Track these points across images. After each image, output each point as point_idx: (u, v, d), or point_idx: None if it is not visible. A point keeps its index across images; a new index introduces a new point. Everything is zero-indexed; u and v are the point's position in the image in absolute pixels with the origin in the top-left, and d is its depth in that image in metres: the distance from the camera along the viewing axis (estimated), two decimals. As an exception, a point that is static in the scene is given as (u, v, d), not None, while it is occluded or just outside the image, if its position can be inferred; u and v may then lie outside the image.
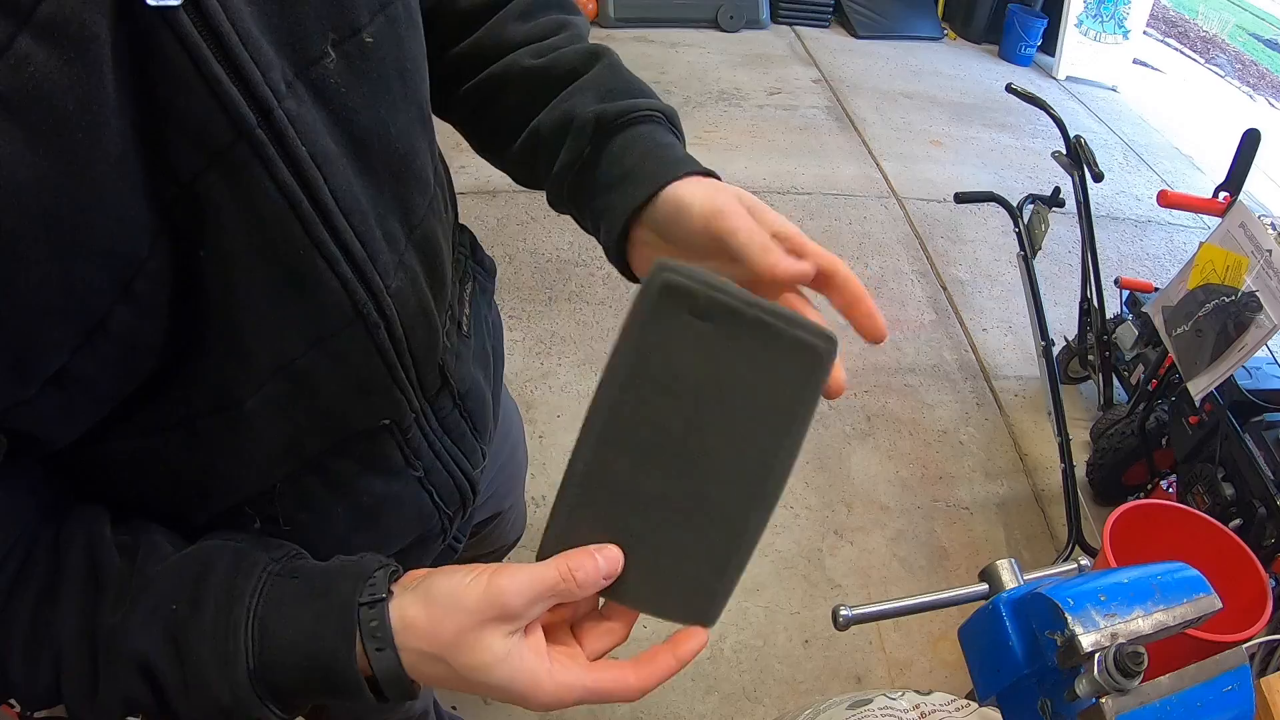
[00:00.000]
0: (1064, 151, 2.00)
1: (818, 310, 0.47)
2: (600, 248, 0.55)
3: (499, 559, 1.35)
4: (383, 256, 0.48)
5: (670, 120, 0.57)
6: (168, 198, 0.38)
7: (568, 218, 0.61)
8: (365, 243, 0.46)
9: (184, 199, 0.38)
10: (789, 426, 0.41)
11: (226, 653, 0.43)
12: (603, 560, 0.43)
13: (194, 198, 0.38)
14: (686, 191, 0.49)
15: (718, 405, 0.40)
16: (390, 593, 0.44)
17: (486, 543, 1.14)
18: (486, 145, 0.66)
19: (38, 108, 0.31)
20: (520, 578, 0.41)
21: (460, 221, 0.72)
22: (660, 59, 4.07)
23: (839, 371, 0.42)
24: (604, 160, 0.54)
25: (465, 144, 0.68)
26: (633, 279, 0.55)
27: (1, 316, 0.33)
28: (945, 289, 2.81)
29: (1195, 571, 0.56)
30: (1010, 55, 4.67)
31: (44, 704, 0.45)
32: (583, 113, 0.55)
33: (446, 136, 0.64)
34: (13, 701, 0.46)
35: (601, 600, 0.47)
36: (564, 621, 0.47)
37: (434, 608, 0.42)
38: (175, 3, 0.34)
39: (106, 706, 0.44)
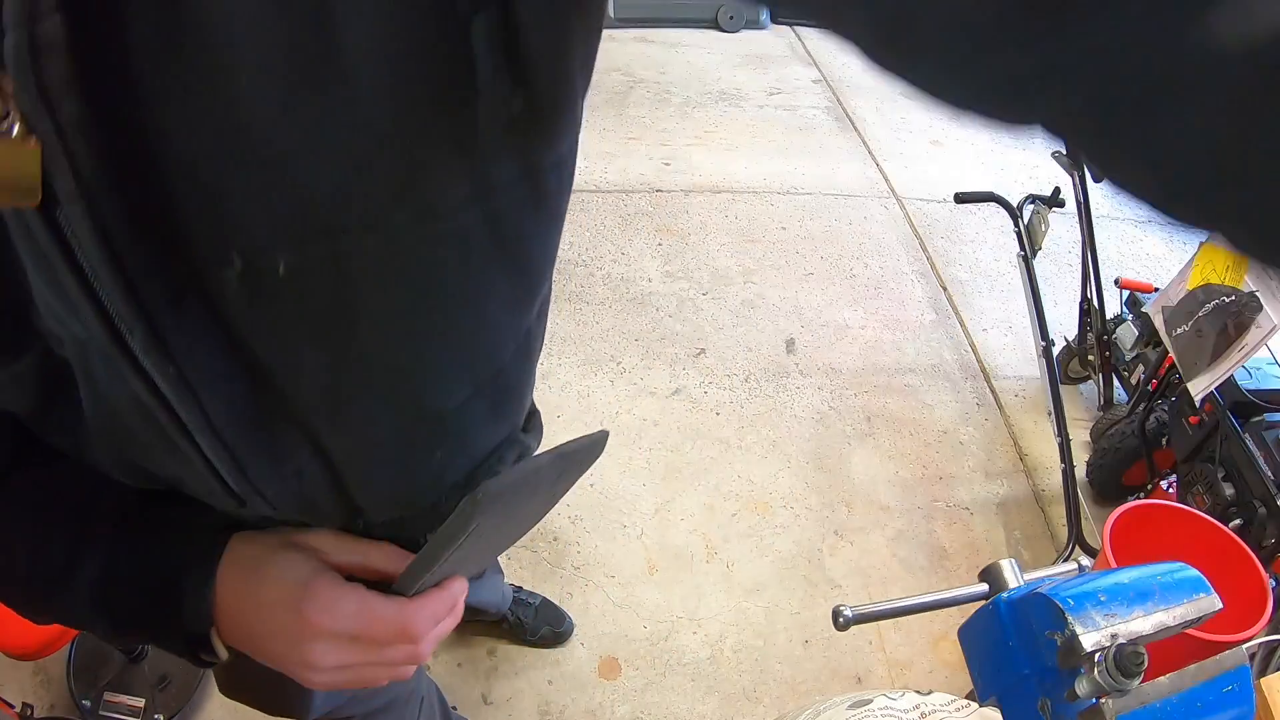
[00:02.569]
0: (1064, 151, 2.00)
1: None
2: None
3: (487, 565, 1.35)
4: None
5: None
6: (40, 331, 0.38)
7: (567, 218, 0.60)
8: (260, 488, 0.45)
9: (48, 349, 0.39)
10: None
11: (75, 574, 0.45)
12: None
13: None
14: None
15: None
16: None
17: None
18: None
19: None
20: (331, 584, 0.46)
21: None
22: (660, 59, 4.07)
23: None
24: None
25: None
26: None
27: None
28: (945, 289, 2.81)
29: (1195, 571, 0.56)
30: (1010, 55, 4.67)
31: None
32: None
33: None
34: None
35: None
36: None
37: (263, 572, 0.46)
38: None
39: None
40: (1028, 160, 3.64)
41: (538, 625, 1.65)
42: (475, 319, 0.43)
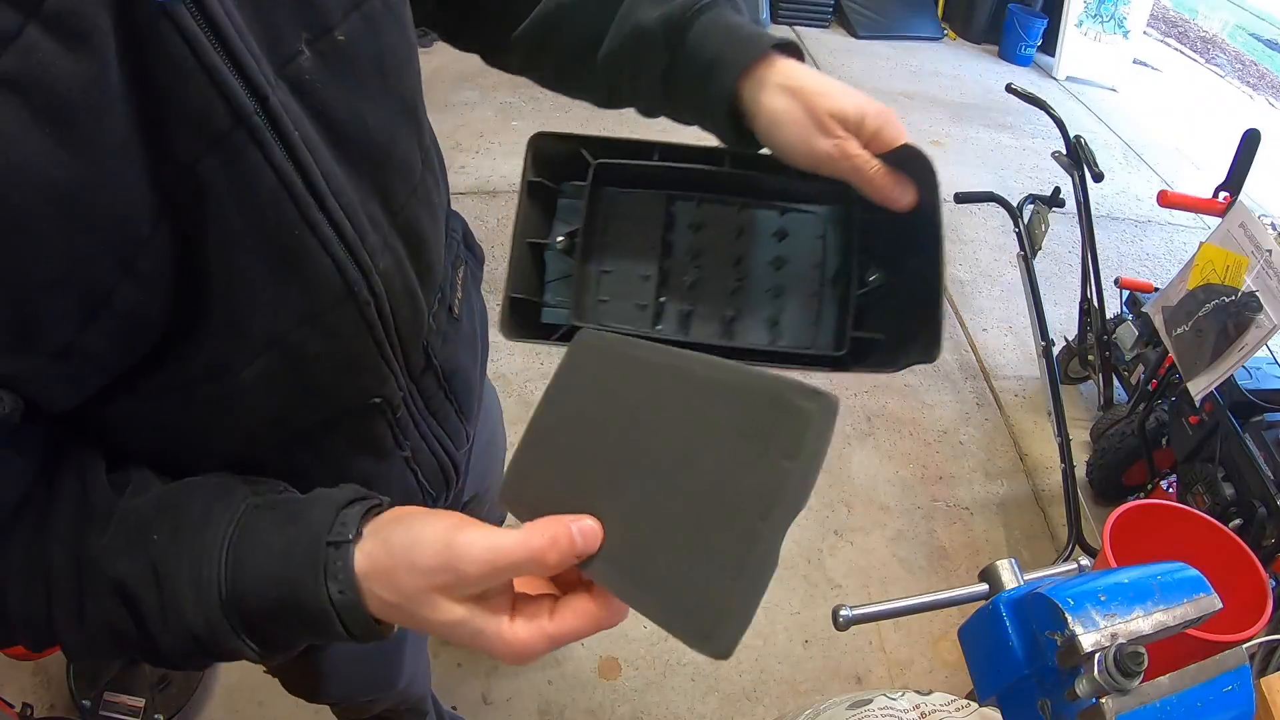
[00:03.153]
0: (1064, 151, 2.00)
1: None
2: None
3: None
4: (370, 238, 0.50)
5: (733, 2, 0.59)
6: (169, 180, 0.39)
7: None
8: (355, 224, 0.48)
9: (185, 181, 0.40)
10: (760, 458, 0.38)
11: (200, 578, 0.43)
12: (578, 534, 0.39)
13: (194, 179, 0.40)
14: (761, 101, 0.54)
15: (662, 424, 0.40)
16: (360, 534, 0.43)
17: None
18: (560, 76, 0.67)
19: (42, 92, 0.33)
20: (478, 546, 0.39)
21: (454, 209, 0.73)
22: (660, 59, 4.07)
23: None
24: (683, 63, 0.56)
25: (465, 144, 0.69)
26: (757, 146, 0.58)
27: (10, 289, 0.35)
28: (945, 289, 2.80)
29: (1195, 571, 0.56)
30: (1010, 55, 4.67)
31: (44, 638, 0.45)
32: (648, 23, 0.56)
33: (445, 138, 0.64)
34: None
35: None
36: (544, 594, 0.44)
37: (392, 560, 0.41)
38: None
39: (92, 633, 0.44)
40: (1028, 160, 3.64)
41: (538, 625, 1.65)
42: (409, 101, 0.54)
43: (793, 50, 0.57)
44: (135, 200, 0.38)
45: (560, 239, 0.56)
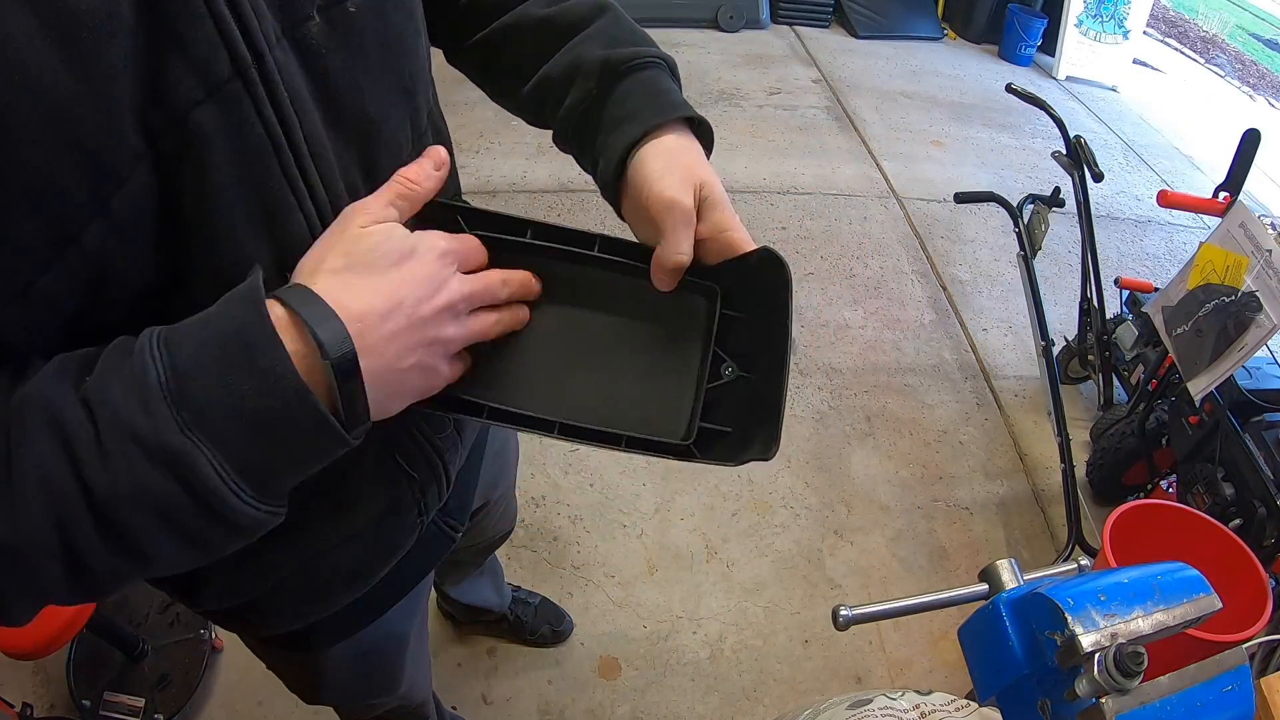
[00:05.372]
0: (1064, 151, 2.00)
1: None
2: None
3: (492, 550, 1.36)
4: (343, 201, 0.50)
5: (670, 68, 0.63)
6: (157, 127, 0.40)
7: (567, 218, 0.61)
8: (328, 187, 0.49)
9: (172, 131, 0.40)
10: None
11: (134, 374, 0.39)
12: (429, 161, 0.51)
13: (184, 128, 0.40)
14: (650, 166, 0.55)
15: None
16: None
17: (476, 532, 1.14)
18: (500, 91, 0.70)
19: (53, 2, 0.34)
20: (369, 197, 0.49)
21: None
22: (660, 59, 4.07)
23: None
24: (609, 102, 0.59)
25: (465, 144, 0.70)
26: (621, 217, 0.61)
27: None
28: (945, 289, 2.81)
29: (1195, 571, 0.56)
30: (1010, 55, 4.67)
31: None
32: (590, 59, 0.60)
33: (452, 133, 0.64)
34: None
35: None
36: None
37: (314, 248, 0.47)
38: None
39: (22, 490, 0.39)
40: (1028, 160, 3.64)
41: (537, 624, 1.65)
42: (408, 83, 0.56)
43: (703, 129, 0.60)
44: (120, 135, 0.38)
45: None
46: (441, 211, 0.56)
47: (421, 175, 0.51)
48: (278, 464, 0.42)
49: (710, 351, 0.57)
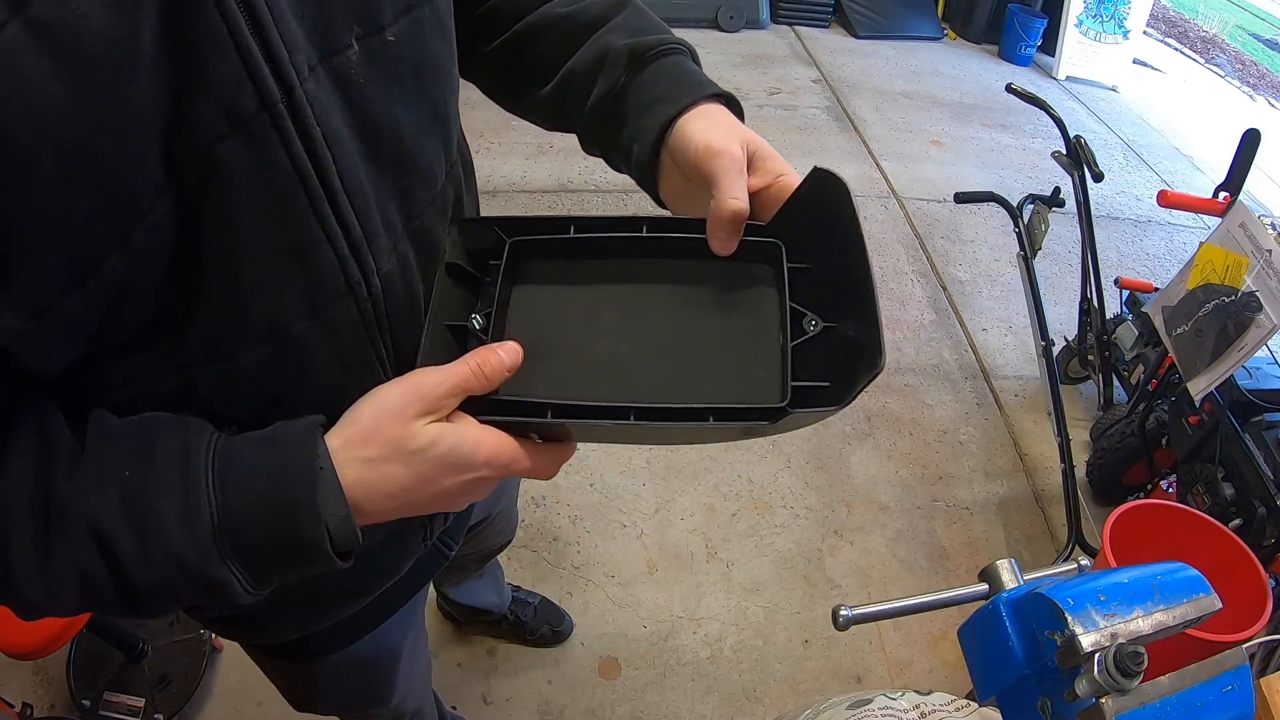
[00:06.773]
0: (1064, 151, 2.00)
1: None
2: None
3: (492, 557, 1.36)
4: (378, 239, 0.50)
5: (692, 54, 0.64)
6: (182, 159, 0.39)
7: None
8: (364, 223, 0.49)
9: (198, 162, 0.39)
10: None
11: (188, 506, 0.43)
12: (504, 354, 0.49)
13: (209, 161, 0.40)
14: (692, 126, 0.55)
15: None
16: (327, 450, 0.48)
17: (475, 543, 1.14)
18: (516, 95, 0.70)
19: (70, 41, 0.33)
20: (432, 374, 0.48)
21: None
22: (660, 59, 4.07)
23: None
24: (636, 88, 0.60)
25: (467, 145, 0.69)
26: (661, 205, 0.62)
27: (2, 233, 0.35)
28: (945, 289, 2.81)
29: (1195, 571, 0.56)
30: (1010, 55, 4.67)
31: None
32: (617, 48, 0.61)
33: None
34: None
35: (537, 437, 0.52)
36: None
37: (365, 418, 0.47)
38: None
39: (59, 578, 0.43)
40: (1028, 160, 3.64)
41: (537, 624, 1.65)
42: (441, 111, 0.55)
43: (732, 102, 0.61)
44: (142, 170, 0.38)
45: (476, 319, 0.55)
46: (478, 227, 0.56)
47: (496, 376, 0.49)
48: (286, 577, 0.49)
49: (788, 308, 0.55)
